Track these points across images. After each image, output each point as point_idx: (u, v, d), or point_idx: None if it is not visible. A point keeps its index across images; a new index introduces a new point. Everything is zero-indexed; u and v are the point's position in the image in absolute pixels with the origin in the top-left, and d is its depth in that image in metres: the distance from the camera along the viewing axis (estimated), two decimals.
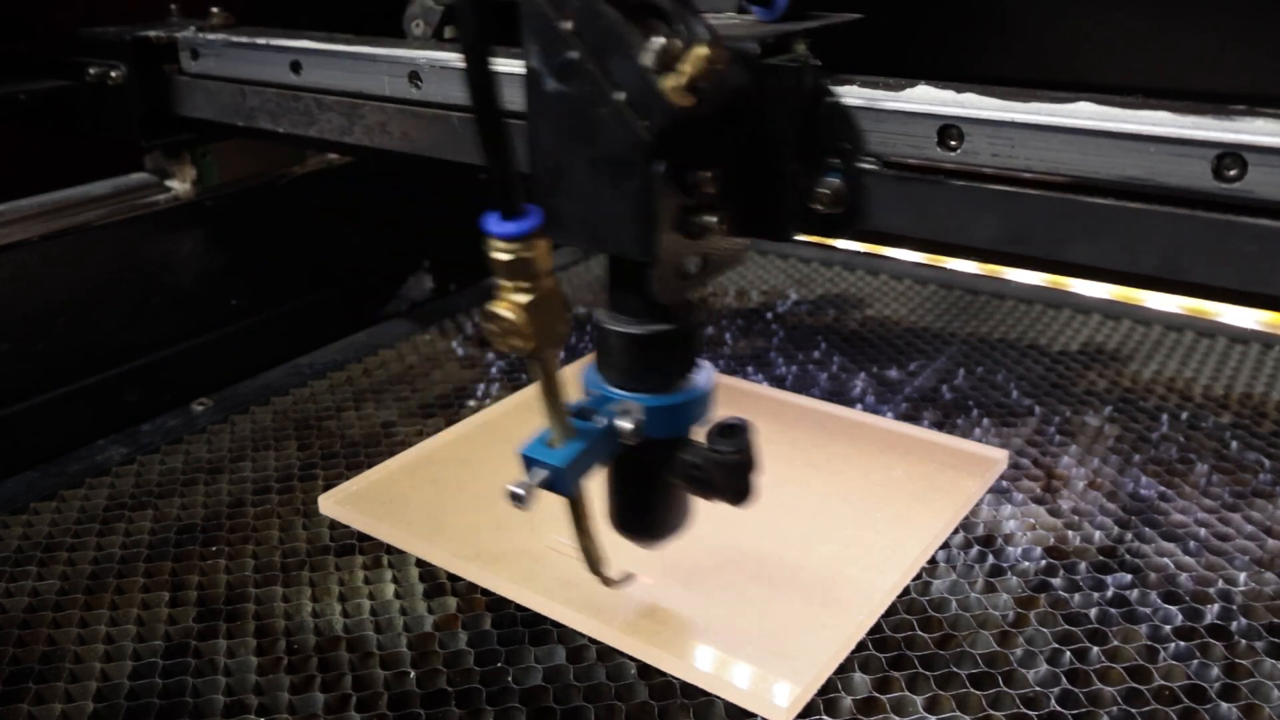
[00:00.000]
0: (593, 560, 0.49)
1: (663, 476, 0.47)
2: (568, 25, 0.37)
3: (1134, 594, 0.55)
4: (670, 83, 0.37)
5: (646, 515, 0.50)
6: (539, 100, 0.40)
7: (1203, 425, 0.72)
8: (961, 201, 0.41)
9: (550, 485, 0.44)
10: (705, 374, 0.47)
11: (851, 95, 0.43)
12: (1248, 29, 0.70)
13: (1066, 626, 0.53)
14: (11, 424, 0.71)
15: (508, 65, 0.42)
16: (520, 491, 0.43)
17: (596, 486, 0.48)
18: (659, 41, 0.37)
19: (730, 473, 0.45)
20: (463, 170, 0.60)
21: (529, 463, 0.44)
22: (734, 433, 0.45)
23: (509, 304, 0.39)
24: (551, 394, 0.43)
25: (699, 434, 0.47)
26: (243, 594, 0.57)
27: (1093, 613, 0.54)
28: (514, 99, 0.39)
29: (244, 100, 0.69)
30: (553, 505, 0.61)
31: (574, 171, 0.40)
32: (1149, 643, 0.52)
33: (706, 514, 0.61)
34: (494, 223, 0.38)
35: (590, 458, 0.45)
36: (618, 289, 0.44)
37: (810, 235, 0.46)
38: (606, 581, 0.51)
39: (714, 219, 0.42)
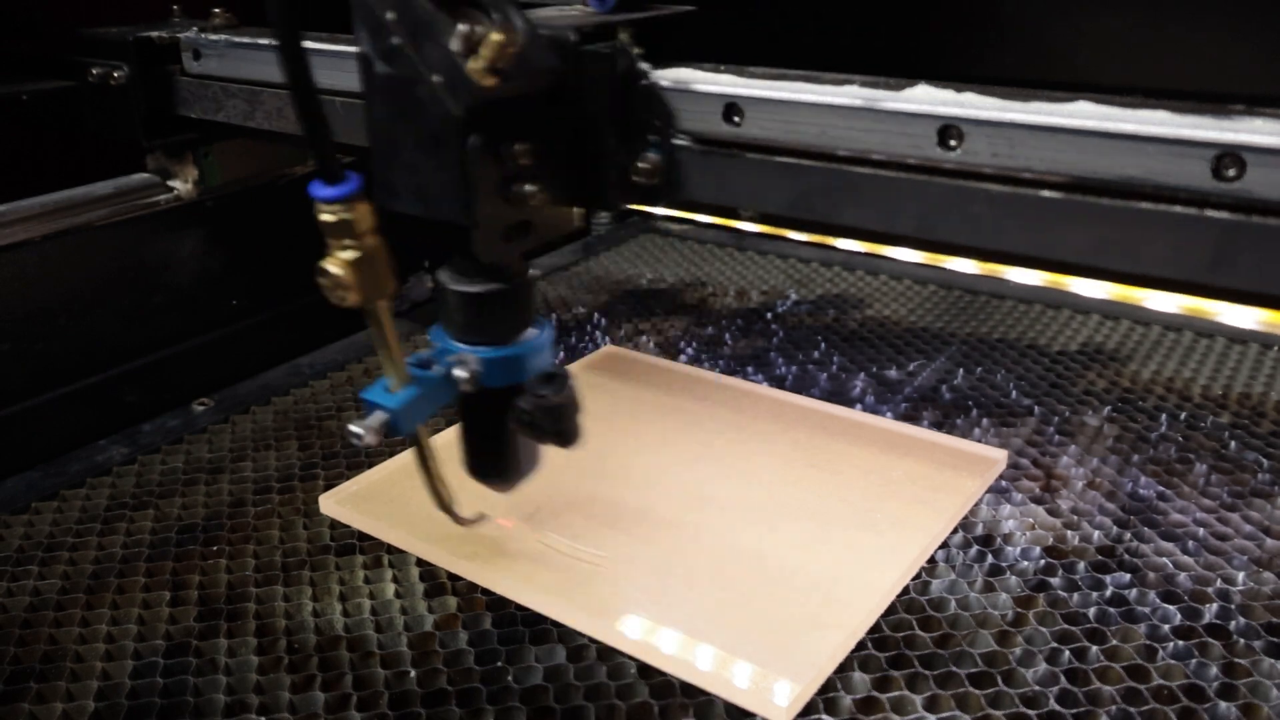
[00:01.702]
0: (441, 499, 0.53)
1: (501, 422, 0.51)
2: (390, 15, 0.42)
3: (1133, 593, 0.55)
4: (475, 65, 0.41)
5: (492, 459, 0.54)
6: (370, 82, 0.44)
7: (1201, 425, 0.72)
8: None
9: (388, 427, 0.48)
10: (544, 331, 0.51)
11: (850, 95, 0.44)
12: (1247, 29, 0.70)
13: (1065, 626, 0.53)
14: (12, 424, 0.71)
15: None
16: (359, 431, 0.47)
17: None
18: (464, 28, 0.42)
19: (552, 414, 0.49)
20: None
21: (368, 405, 0.48)
22: (554, 379, 0.49)
23: (336, 260, 0.44)
24: (384, 343, 0.47)
25: None
26: (243, 594, 0.57)
27: (1092, 612, 0.54)
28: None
29: (246, 100, 0.69)
30: (554, 506, 0.62)
31: (404, 145, 0.45)
32: (1148, 642, 0.52)
33: (705, 513, 0.62)
34: (318, 188, 0.42)
35: (427, 403, 0.49)
36: (456, 251, 0.49)
37: (632, 204, 0.51)
38: (458, 520, 0.55)
39: (534, 187, 0.46)
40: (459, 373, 0.49)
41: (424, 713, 0.49)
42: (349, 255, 0.44)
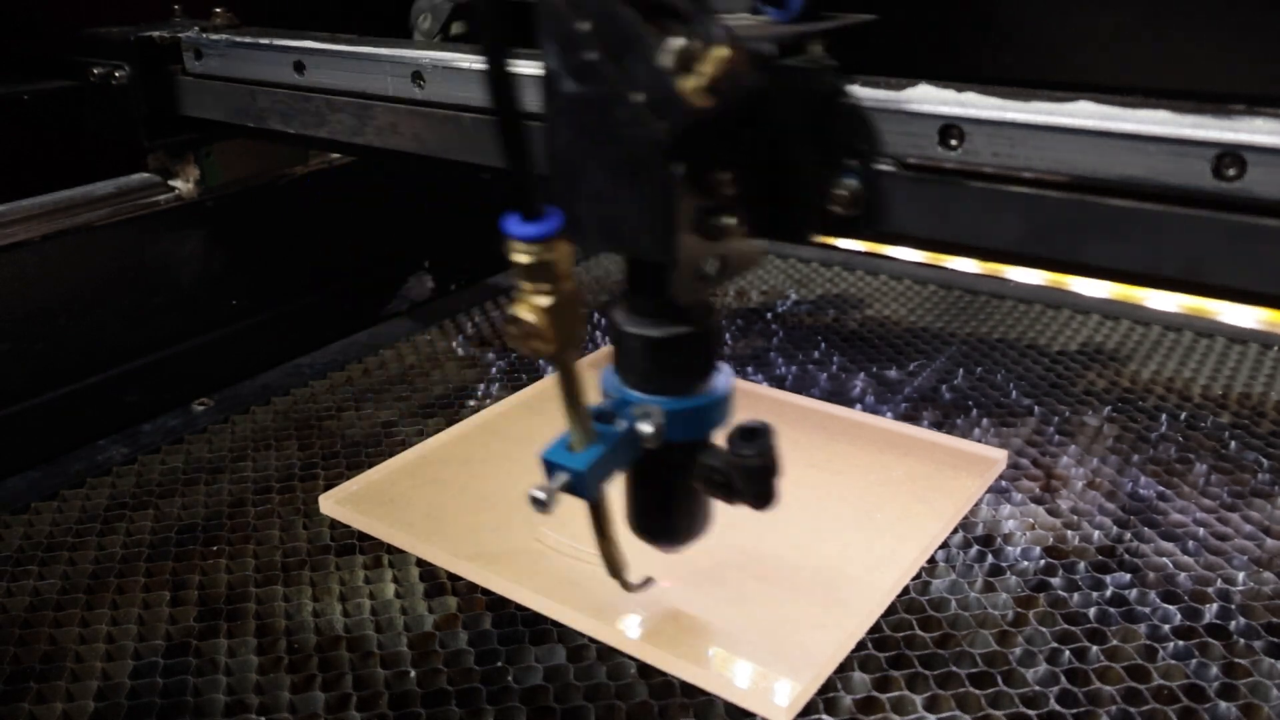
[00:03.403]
0: (613, 565, 0.49)
1: (683, 480, 0.47)
2: (585, 26, 0.37)
3: (1133, 593, 0.55)
4: (689, 84, 0.36)
5: (667, 519, 0.49)
6: (557, 101, 0.39)
7: (1201, 425, 0.72)
8: (979, 203, 0.41)
9: (571, 489, 0.44)
10: (725, 376, 0.47)
11: (865, 96, 0.43)
12: (1248, 29, 0.70)
13: (1066, 626, 0.53)
14: (12, 424, 0.71)
15: (526, 66, 0.42)
16: (542, 496, 0.43)
17: (615, 490, 0.48)
18: (678, 42, 0.36)
19: (752, 476, 0.45)
20: (465, 171, 0.60)
21: (550, 467, 0.44)
22: (755, 436, 0.45)
23: (530, 306, 0.39)
24: (572, 396, 0.43)
25: (719, 437, 0.47)
26: (243, 594, 0.57)
27: (1092, 612, 0.54)
28: (530, 100, 0.39)
29: (247, 100, 0.69)
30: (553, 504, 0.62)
31: (592, 173, 0.40)
32: (1148, 642, 0.52)
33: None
34: (515, 225, 0.37)
35: (611, 461, 0.44)
36: (636, 291, 0.44)
37: (829, 237, 0.46)
38: (627, 586, 0.50)
39: (733, 220, 0.41)
40: (644, 426, 0.44)
41: (424, 713, 0.49)
42: (545, 301, 0.39)
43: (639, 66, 0.37)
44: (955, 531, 0.60)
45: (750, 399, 0.75)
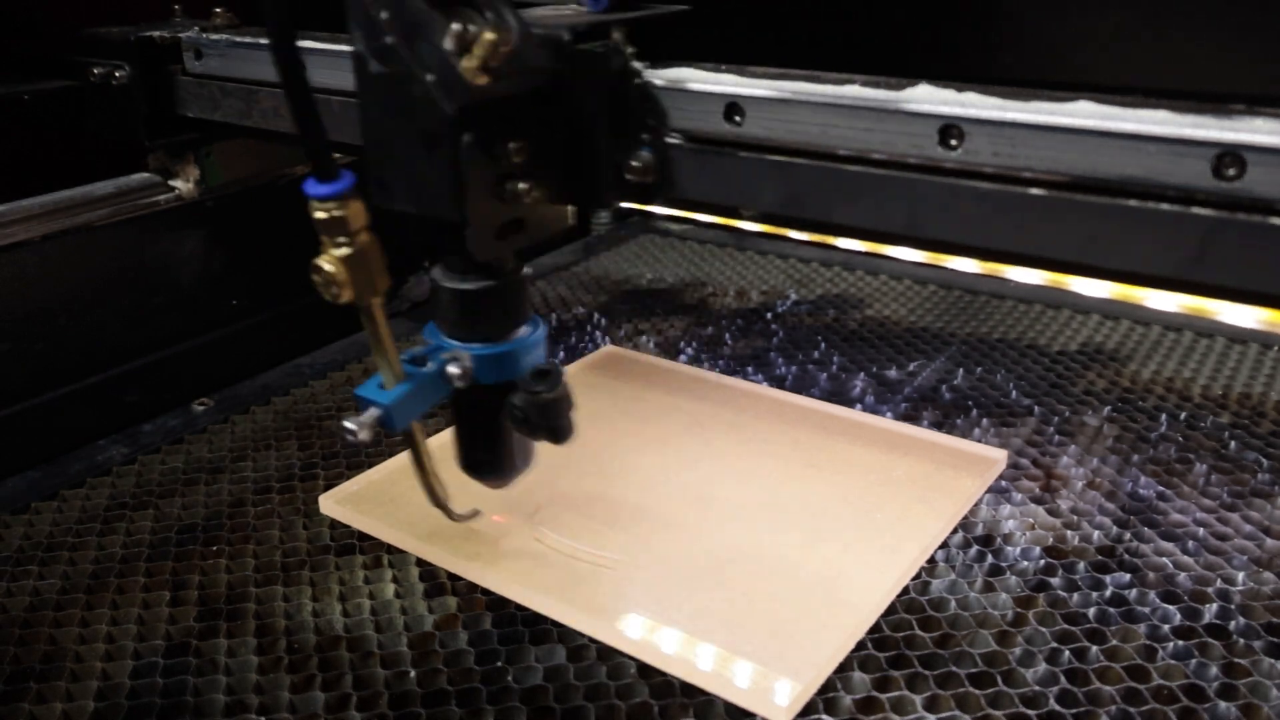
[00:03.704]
0: (435, 495, 0.54)
1: (494, 419, 0.52)
2: (384, 14, 0.42)
3: (1133, 593, 0.55)
4: (469, 64, 0.42)
5: (486, 455, 0.54)
6: (365, 80, 0.44)
7: (1201, 425, 0.72)
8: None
9: (381, 423, 0.48)
10: (537, 328, 0.52)
11: (852, 95, 0.44)
12: (1248, 29, 0.70)
13: (1065, 626, 0.53)
14: (12, 424, 0.71)
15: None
16: (353, 427, 0.47)
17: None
18: (456, 27, 0.42)
19: (545, 411, 0.50)
20: None
21: (361, 401, 0.48)
22: (547, 375, 0.50)
23: (329, 257, 0.44)
24: (378, 340, 0.47)
25: None
26: (243, 594, 0.57)
27: (1091, 612, 0.54)
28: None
29: (247, 100, 0.69)
30: (555, 506, 0.62)
31: (397, 143, 0.45)
32: (1148, 642, 0.52)
33: (706, 513, 0.62)
34: (311, 186, 0.42)
35: (420, 399, 0.49)
36: (448, 249, 0.49)
37: (624, 202, 0.51)
38: (451, 515, 0.56)
39: (526, 185, 0.46)
40: (452, 369, 0.49)
41: (424, 713, 0.49)
42: (342, 252, 0.44)
43: (427, 49, 0.42)
44: (955, 531, 0.60)
45: (750, 399, 0.75)
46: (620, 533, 0.60)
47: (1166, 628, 0.53)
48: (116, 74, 0.73)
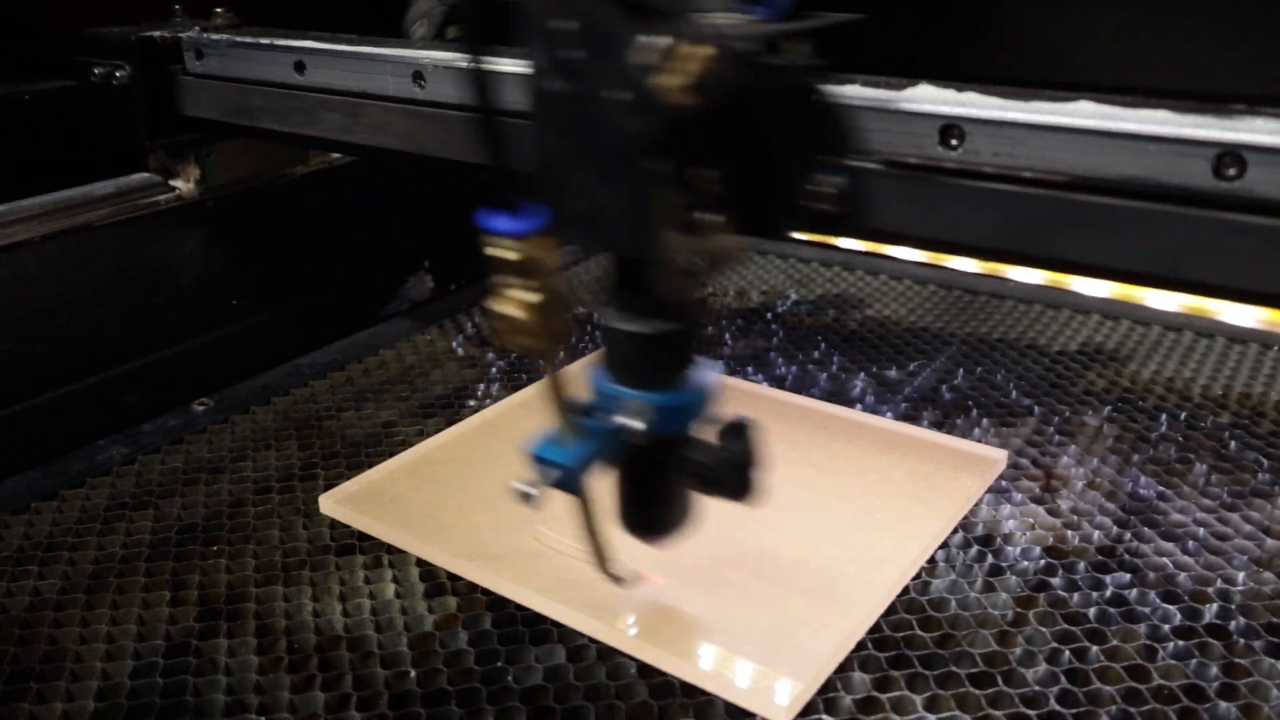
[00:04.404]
0: (601, 559, 0.49)
1: (669, 474, 0.48)
2: (569, 25, 0.37)
3: (1133, 593, 0.55)
4: (670, 82, 0.37)
5: (653, 513, 0.50)
6: (541, 100, 0.40)
7: (1201, 425, 0.72)
8: (961, 200, 0.42)
9: (560, 484, 0.44)
10: (708, 371, 0.47)
11: (852, 95, 0.43)
12: (1248, 29, 0.70)
13: (1066, 626, 0.53)
14: (12, 424, 0.71)
15: (512, 65, 0.42)
16: (530, 491, 0.44)
17: (604, 485, 0.48)
18: (660, 40, 0.37)
19: (735, 470, 0.46)
20: (463, 170, 0.60)
21: (538, 462, 0.44)
22: (739, 430, 0.46)
23: (516, 302, 0.39)
24: (560, 392, 0.43)
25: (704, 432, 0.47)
26: (243, 594, 0.57)
27: (1092, 612, 0.54)
28: (518, 99, 0.40)
29: (248, 100, 0.69)
30: (551, 504, 0.62)
31: (576, 170, 0.40)
32: (1148, 642, 0.52)
33: (706, 514, 0.62)
34: (496, 220, 0.37)
35: (598, 456, 0.45)
36: (623, 288, 0.45)
37: (811, 234, 0.46)
38: (615, 580, 0.51)
39: (715, 217, 0.42)
40: (630, 422, 0.45)
41: (424, 713, 0.49)
42: (531, 298, 0.39)
43: (621, 65, 0.37)
44: (955, 531, 0.60)
45: (750, 399, 0.75)
46: (620, 533, 0.60)
47: (1167, 628, 0.53)
48: (117, 74, 0.73)
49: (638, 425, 0.45)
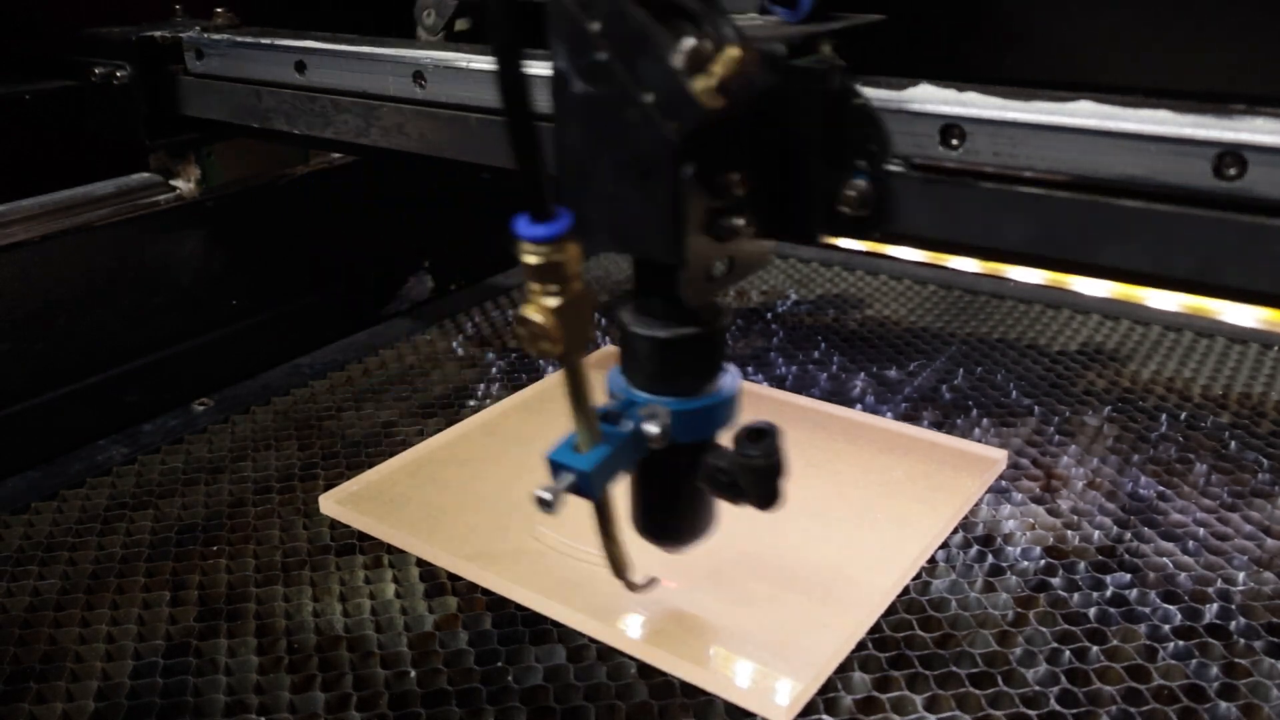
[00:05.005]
0: (617, 565, 0.49)
1: (689, 481, 0.47)
2: (596, 26, 0.37)
3: (1133, 593, 0.55)
4: (700, 84, 0.36)
5: (672, 520, 0.49)
6: (566, 102, 0.39)
7: (1202, 425, 0.72)
8: (989, 204, 0.41)
9: (577, 489, 0.44)
10: (731, 377, 0.47)
11: (866, 95, 0.43)
12: (1248, 29, 0.70)
13: (1066, 626, 0.53)
14: (12, 424, 0.71)
15: (534, 66, 0.42)
16: (548, 496, 0.43)
17: (620, 490, 0.48)
18: (689, 42, 0.36)
19: (759, 477, 0.45)
20: (465, 171, 0.60)
21: (555, 467, 0.44)
22: (762, 437, 0.45)
23: (538, 307, 0.38)
24: (579, 397, 0.42)
25: (725, 438, 0.47)
26: (243, 594, 0.57)
27: (1092, 612, 0.54)
28: (539, 100, 0.39)
29: (249, 100, 0.69)
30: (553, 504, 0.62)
31: (601, 174, 0.40)
32: (1148, 642, 0.52)
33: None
34: (525, 226, 0.37)
35: (616, 462, 0.44)
36: (644, 292, 0.44)
37: (838, 237, 0.46)
38: (631, 586, 0.50)
39: (742, 221, 0.41)
40: (650, 427, 0.44)
41: (424, 713, 0.49)
42: (553, 302, 0.38)
43: (650, 67, 0.37)
44: (955, 531, 0.60)
45: (750, 399, 0.75)
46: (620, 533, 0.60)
47: (1167, 628, 0.53)
48: (117, 74, 0.73)
49: (655, 431, 0.44)
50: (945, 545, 0.59)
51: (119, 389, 0.77)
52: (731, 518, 0.61)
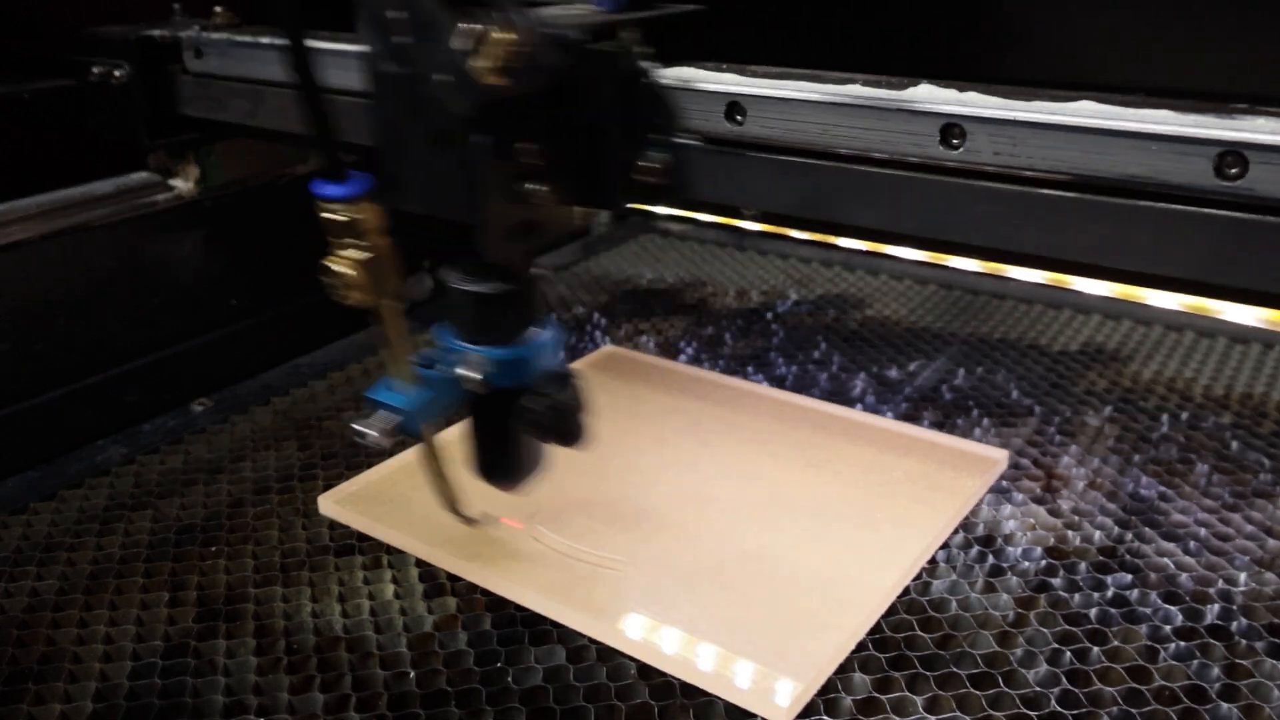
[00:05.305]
0: (449, 499, 0.54)
1: (508, 423, 0.51)
2: (394, 14, 0.42)
3: (1134, 594, 0.55)
4: (481, 64, 0.41)
5: (499, 459, 0.54)
6: (378, 80, 0.44)
7: (1203, 425, 0.72)
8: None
9: (401, 428, 0.48)
10: (550, 331, 0.51)
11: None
12: (1248, 29, 0.70)
13: (1067, 626, 0.53)
14: (11, 424, 0.71)
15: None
16: (367, 431, 0.47)
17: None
18: (470, 27, 0.41)
19: (558, 415, 0.50)
20: None
21: (373, 405, 0.48)
22: (561, 379, 0.50)
23: (341, 260, 0.44)
24: (394, 343, 0.47)
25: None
26: (242, 594, 0.57)
27: (1093, 613, 0.54)
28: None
29: (248, 99, 0.69)
30: (555, 506, 0.62)
31: (411, 144, 0.45)
32: (1149, 643, 0.52)
33: (706, 513, 0.62)
34: (321, 186, 0.43)
35: (435, 404, 0.49)
36: (466, 253, 0.49)
37: (638, 204, 0.52)
38: (465, 520, 0.55)
39: (540, 187, 0.46)
40: (466, 372, 0.49)
41: (423, 713, 0.49)
42: (356, 255, 0.44)
43: (441, 49, 0.42)
44: (956, 532, 0.60)
45: (751, 399, 0.75)
46: (620, 533, 0.60)
47: (1168, 628, 0.53)
48: (116, 73, 0.73)
49: (469, 375, 0.49)
50: (946, 545, 0.59)
51: (118, 389, 0.77)
52: (732, 517, 0.61)
